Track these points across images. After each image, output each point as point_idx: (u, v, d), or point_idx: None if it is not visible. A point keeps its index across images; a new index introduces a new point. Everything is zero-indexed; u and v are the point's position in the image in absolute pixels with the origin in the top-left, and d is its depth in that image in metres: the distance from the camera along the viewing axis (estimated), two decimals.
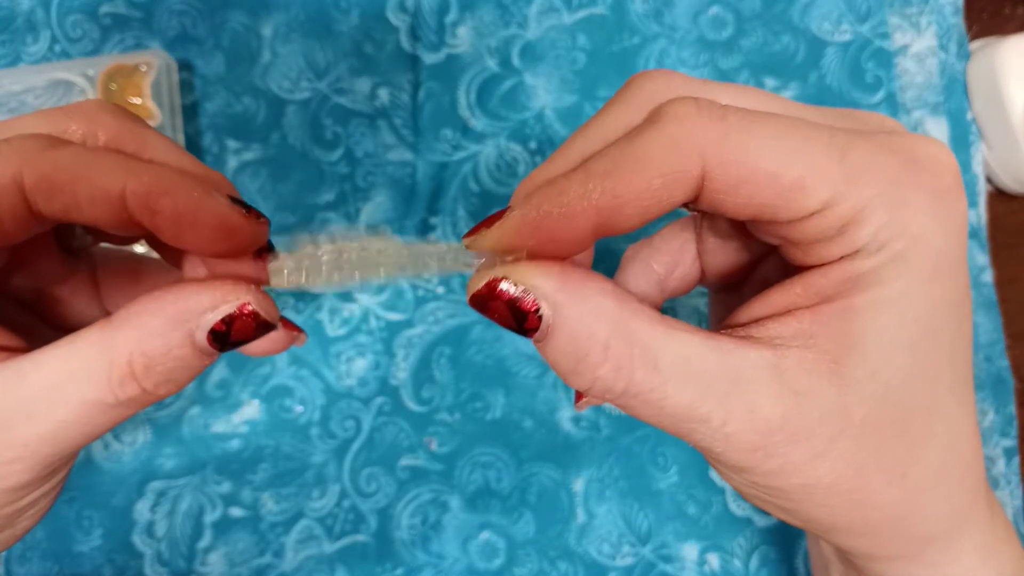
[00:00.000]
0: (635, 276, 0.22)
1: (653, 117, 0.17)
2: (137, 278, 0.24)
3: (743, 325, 0.18)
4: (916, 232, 0.16)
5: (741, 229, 0.21)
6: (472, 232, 0.18)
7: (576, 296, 0.16)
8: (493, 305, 0.17)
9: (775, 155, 0.16)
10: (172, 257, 0.21)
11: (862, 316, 0.17)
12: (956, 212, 0.17)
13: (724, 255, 0.22)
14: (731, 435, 0.17)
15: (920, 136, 0.17)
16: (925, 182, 0.16)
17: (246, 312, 0.18)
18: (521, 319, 0.16)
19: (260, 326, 0.18)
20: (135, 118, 0.20)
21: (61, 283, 0.22)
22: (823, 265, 0.17)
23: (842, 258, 0.17)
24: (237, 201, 0.18)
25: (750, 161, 0.16)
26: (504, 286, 0.16)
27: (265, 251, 0.19)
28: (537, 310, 0.16)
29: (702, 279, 0.23)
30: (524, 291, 0.16)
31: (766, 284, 0.19)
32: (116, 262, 0.24)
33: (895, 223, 0.16)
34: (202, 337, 0.17)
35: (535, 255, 0.17)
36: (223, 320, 0.17)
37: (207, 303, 0.17)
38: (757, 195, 0.16)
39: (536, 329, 0.16)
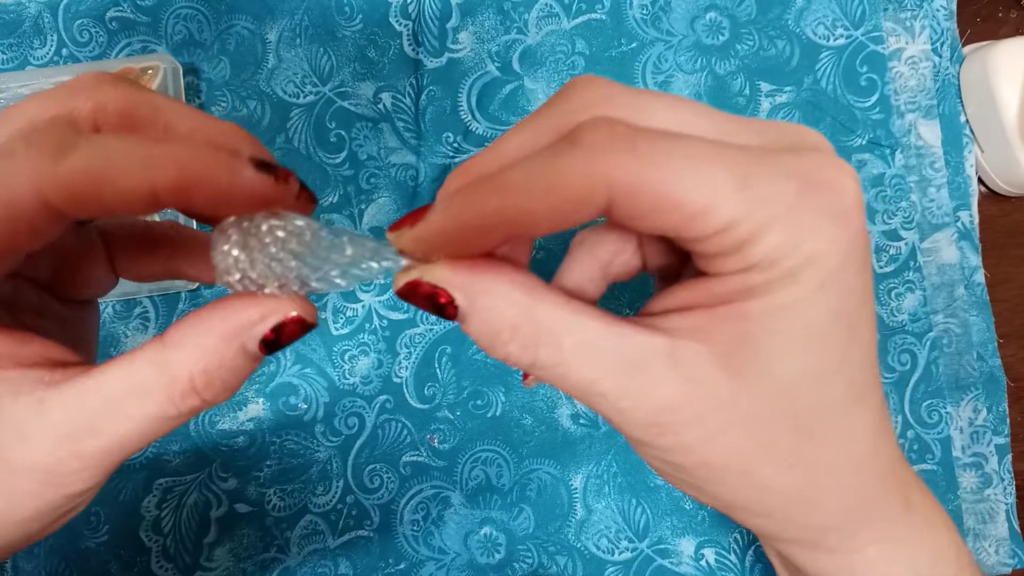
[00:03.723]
0: (581, 261, 0.23)
1: (572, 138, 0.18)
2: (151, 247, 0.24)
3: (654, 315, 0.20)
4: (808, 252, 0.18)
5: None
6: (397, 226, 0.19)
7: (485, 287, 0.19)
8: (415, 299, 0.19)
9: (681, 185, 0.17)
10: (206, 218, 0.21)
11: (755, 319, 0.18)
12: (850, 231, 0.18)
13: (659, 249, 0.23)
14: (624, 410, 0.19)
15: (825, 157, 0.19)
16: (822, 205, 0.18)
17: (293, 319, 0.19)
18: (440, 309, 0.19)
19: (305, 328, 0.20)
20: (134, 83, 0.19)
21: (75, 254, 0.23)
22: (723, 274, 0.19)
23: (739, 270, 0.18)
24: (263, 165, 0.18)
25: (657, 192, 0.17)
26: (422, 282, 0.19)
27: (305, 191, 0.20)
28: (452, 301, 0.19)
29: (644, 267, 0.24)
30: (439, 288, 0.19)
31: (698, 275, 0.20)
32: (128, 230, 0.24)
33: (787, 244, 0.17)
34: (254, 347, 0.19)
35: (451, 253, 0.19)
36: (272, 329, 0.19)
37: (256, 316, 0.19)
38: (662, 220, 0.17)
39: (455, 316, 0.19)
